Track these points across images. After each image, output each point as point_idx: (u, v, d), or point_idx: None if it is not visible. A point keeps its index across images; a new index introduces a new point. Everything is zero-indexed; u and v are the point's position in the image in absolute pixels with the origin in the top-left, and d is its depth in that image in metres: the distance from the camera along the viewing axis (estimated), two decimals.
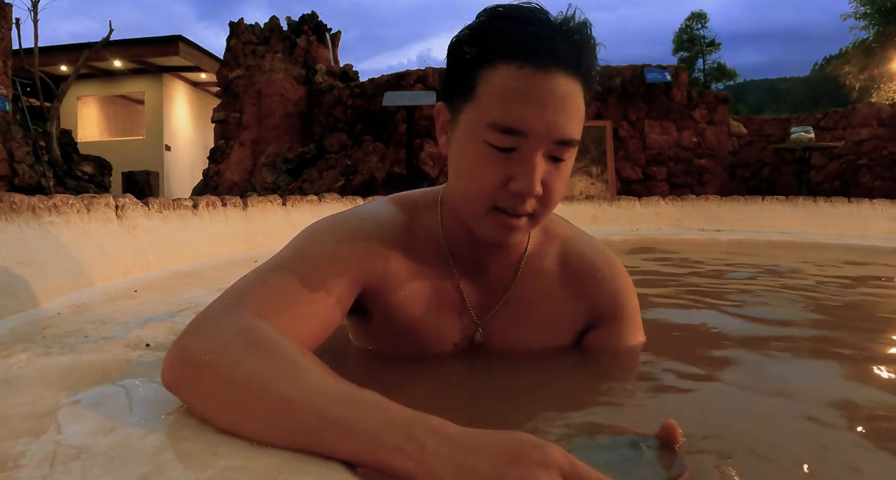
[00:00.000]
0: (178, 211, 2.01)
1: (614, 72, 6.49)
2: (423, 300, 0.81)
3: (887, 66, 16.39)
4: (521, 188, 0.66)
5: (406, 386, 0.81)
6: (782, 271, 2.26)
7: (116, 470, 0.47)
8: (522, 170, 0.66)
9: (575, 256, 0.86)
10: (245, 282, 0.69)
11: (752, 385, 0.84)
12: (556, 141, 0.66)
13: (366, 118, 7.27)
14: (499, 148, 0.66)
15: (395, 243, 0.79)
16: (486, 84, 0.66)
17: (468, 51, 0.68)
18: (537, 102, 0.64)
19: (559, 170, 0.69)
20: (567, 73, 0.64)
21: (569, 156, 0.69)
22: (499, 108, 0.64)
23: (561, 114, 0.65)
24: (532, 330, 0.85)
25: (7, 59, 7.59)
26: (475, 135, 0.67)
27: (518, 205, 0.68)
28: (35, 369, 0.75)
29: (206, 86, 14.06)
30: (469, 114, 0.68)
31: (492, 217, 0.70)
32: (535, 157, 0.65)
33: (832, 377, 0.90)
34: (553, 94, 0.64)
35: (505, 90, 0.64)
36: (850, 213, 4.11)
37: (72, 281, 1.35)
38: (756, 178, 7.18)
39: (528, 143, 0.65)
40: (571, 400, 0.75)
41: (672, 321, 1.33)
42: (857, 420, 0.70)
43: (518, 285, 0.83)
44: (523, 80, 0.63)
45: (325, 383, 0.51)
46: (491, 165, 0.67)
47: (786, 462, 0.58)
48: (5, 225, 1.25)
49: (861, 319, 1.43)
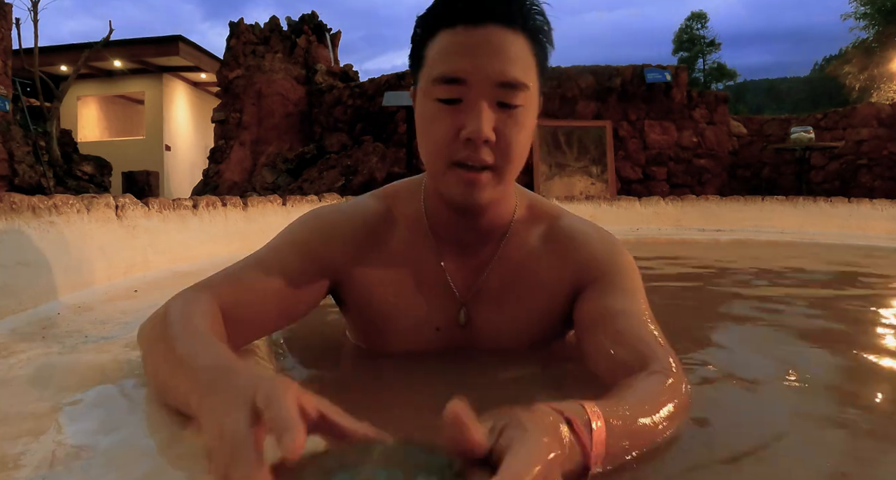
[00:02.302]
0: (178, 211, 2.01)
1: (614, 72, 6.49)
2: (402, 285, 0.80)
3: (887, 66, 16.39)
4: (471, 134, 0.67)
5: (390, 383, 0.81)
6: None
7: (116, 470, 0.47)
8: (469, 117, 0.67)
9: (561, 228, 0.84)
10: (221, 271, 0.76)
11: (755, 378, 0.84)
12: (498, 83, 0.67)
13: (366, 118, 7.27)
14: (446, 100, 0.68)
15: (368, 233, 0.81)
16: (429, 50, 0.71)
17: (417, 32, 0.73)
18: (471, 51, 0.67)
19: (513, 119, 0.69)
20: (504, 26, 0.67)
21: (521, 101, 0.69)
22: (440, 63, 0.69)
23: (497, 58, 0.67)
24: (517, 306, 0.81)
25: (7, 59, 7.58)
26: (426, 96, 0.71)
27: (473, 155, 0.68)
28: (35, 369, 0.75)
29: (206, 86, 14.05)
30: (421, 82, 0.72)
31: (451, 173, 0.70)
32: (480, 103, 0.67)
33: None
34: (488, 43, 0.67)
35: (442, 48, 0.69)
36: (850, 213, 4.11)
37: (72, 281, 1.35)
38: (756, 178, 7.17)
39: (470, 91, 0.67)
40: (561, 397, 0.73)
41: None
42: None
43: (501, 259, 0.81)
44: (458, 36, 0.68)
45: (205, 348, 0.57)
46: (441, 119, 0.69)
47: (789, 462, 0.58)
48: (5, 225, 1.25)
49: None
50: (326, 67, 8.25)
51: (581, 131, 6.27)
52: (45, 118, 8.22)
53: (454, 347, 0.83)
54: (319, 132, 7.71)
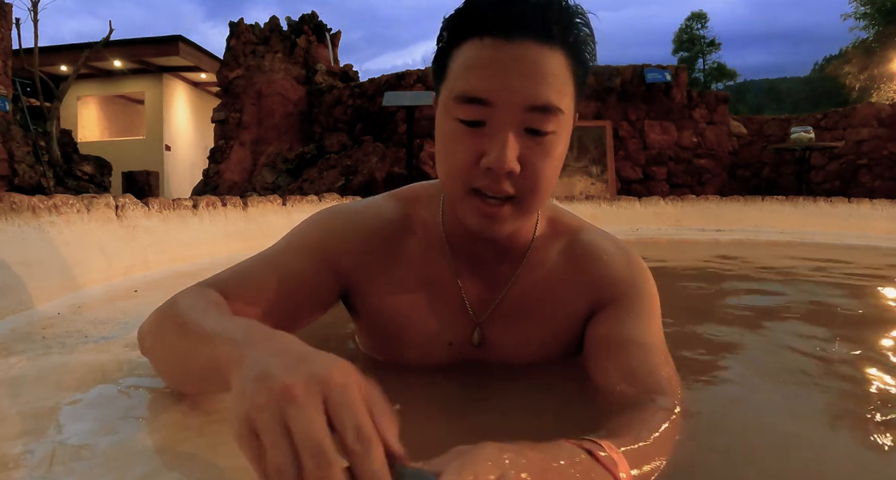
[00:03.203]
0: (178, 211, 2.01)
1: (614, 72, 6.48)
2: (416, 298, 0.77)
3: (887, 66, 16.39)
4: (492, 163, 0.60)
5: (397, 394, 0.80)
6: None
7: (116, 470, 0.47)
8: (492, 143, 0.61)
9: (582, 243, 0.79)
10: (229, 268, 0.72)
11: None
12: (527, 107, 0.60)
13: (366, 118, 7.27)
14: (467, 122, 0.62)
15: (384, 239, 0.76)
16: (454, 62, 0.63)
17: (444, 36, 0.66)
18: (500, 69, 0.60)
19: (542, 147, 0.62)
20: (539, 42, 0.60)
21: (553, 127, 0.62)
22: (463, 80, 0.62)
23: (529, 79, 0.59)
24: (532, 326, 0.78)
25: (7, 59, 7.58)
26: (447, 113, 0.64)
27: (493, 185, 0.62)
28: (35, 369, 0.75)
29: (206, 86, 14.05)
30: (443, 94, 0.65)
31: (470, 201, 0.65)
32: (506, 129, 0.60)
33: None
34: (518, 61, 0.59)
35: (467, 62, 0.61)
36: (850, 213, 4.11)
37: (72, 281, 1.35)
38: (756, 178, 7.17)
39: (496, 114, 0.60)
40: (567, 416, 0.71)
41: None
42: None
43: (519, 279, 0.77)
44: (486, 49, 0.60)
45: (231, 318, 0.53)
46: (462, 142, 0.63)
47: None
48: (5, 225, 1.25)
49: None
50: (326, 67, 8.25)
51: (581, 131, 6.26)
52: (45, 118, 8.22)
53: (465, 361, 0.80)
54: (319, 132, 7.71)
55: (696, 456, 0.56)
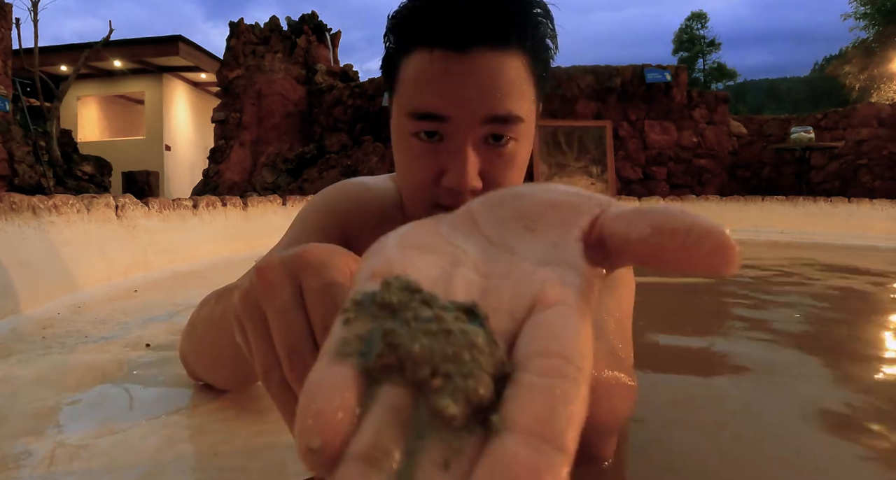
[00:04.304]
0: (178, 211, 2.01)
1: (614, 72, 6.49)
2: None
3: (887, 66, 16.39)
4: (453, 182, 0.57)
5: None
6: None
7: (116, 470, 0.47)
8: (452, 161, 0.57)
9: None
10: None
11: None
12: (486, 118, 0.56)
13: (366, 118, 7.27)
14: (423, 137, 0.58)
15: (383, 215, 0.74)
16: (403, 72, 0.58)
17: (390, 39, 0.61)
18: (454, 83, 0.55)
19: (503, 159, 0.58)
20: (495, 49, 0.55)
21: (515, 133, 0.58)
22: (414, 96, 0.57)
23: (486, 91, 0.55)
24: None
25: (7, 59, 7.58)
26: (401, 128, 0.60)
27: (458, 202, 0.57)
28: (35, 369, 0.75)
29: (206, 86, 14.05)
30: (395, 106, 0.61)
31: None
32: (465, 145, 0.56)
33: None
34: (473, 73, 0.55)
35: (418, 75, 0.57)
36: (850, 213, 4.11)
37: (72, 281, 1.35)
38: (756, 178, 7.17)
39: (453, 129, 0.56)
40: None
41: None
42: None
43: None
44: (437, 62, 0.55)
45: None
46: (420, 158, 0.59)
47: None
48: (5, 225, 1.25)
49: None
50: (326, 67, 8.25)
51: (581, 131, 6.27)
52: (45, 118, 8.23)
53: None
54: (319, 132, 7.71)
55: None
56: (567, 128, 6.22)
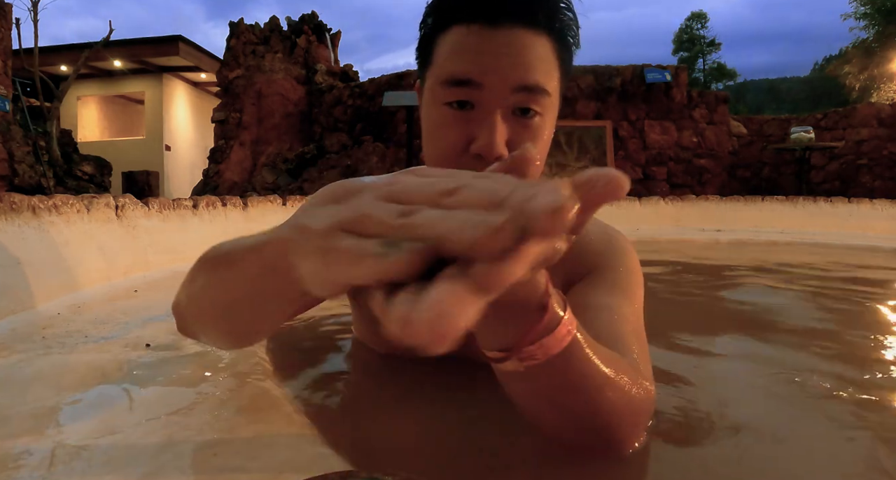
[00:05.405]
0: (178, 211, 2.01)
1: (614, 72, 6.49)
2: None
3: (887, 66, 16.40)
4: (481, 149, 0.60)
5: (399, 388, 0.81)
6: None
7: (116, 470, 0.47)
8: (481, 128, 0.60)
9: None
10: None
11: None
12: (516, 88, 0.60)
13: (366, 118, 7.27)
14: (455, 105, 0.62)
15: None
16: (440, 47, 0.63)
17: (428, 22, 0.66)
18: (488, 52, 0.60)
19: (530, 130, 0.62)
20: (526, 27, 0.61)
21: (540, 108, 0.62)
22: (451, 63, 0.62)
23: (518, 61, 0.60)
24: None
25: (7, 59, 7.58)
26: (434, 98, 0.64)
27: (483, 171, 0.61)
28: (35, 369, 0.75)
29: (206, 86, 14.06)
30: (429, 80, 0.65)
31: None
32: (494, 114, 0.60)
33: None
34: (507, 46, 0.60)
35: (455, 46, 0.62)
36: (850, 213, 4.12)
37: (72, 281, 1.35)
38: (756, 178, 7.17)
39: (485, 96, 0.61)
40: None
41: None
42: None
43: None
44: (474, 35, 0.61)
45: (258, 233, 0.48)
46: (450, 126, 0.62)
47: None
48: (5, 225, 1.25)
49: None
50: (326, 67, 8.25)
51: (581, 131, 6.27)
52: (45, 118, 8.23)
53: (457, 352, 0.79)
54: (319, 132, 7.71)
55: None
56: (567, 128, 6.22)
